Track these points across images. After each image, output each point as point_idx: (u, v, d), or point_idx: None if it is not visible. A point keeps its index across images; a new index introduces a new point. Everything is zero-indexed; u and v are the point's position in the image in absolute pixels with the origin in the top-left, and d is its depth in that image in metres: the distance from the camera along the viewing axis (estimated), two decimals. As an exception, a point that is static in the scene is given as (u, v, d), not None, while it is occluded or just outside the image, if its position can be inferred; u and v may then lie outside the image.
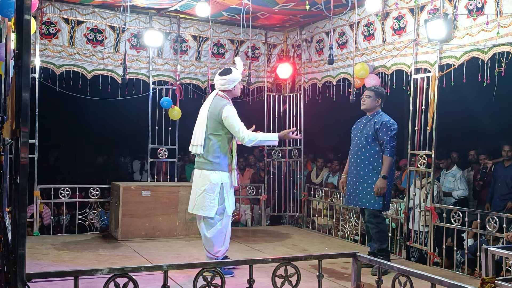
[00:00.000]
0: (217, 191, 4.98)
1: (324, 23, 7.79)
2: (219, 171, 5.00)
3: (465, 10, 5.46)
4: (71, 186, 7.43)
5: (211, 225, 5.02)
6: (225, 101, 5.09)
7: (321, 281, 3.33)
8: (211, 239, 5.03)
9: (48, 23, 7.09)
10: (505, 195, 7.01)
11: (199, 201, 5.02)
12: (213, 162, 5.00)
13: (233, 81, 5.13)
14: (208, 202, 4.97)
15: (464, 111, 9.68)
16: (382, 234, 5.49)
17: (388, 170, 5.37)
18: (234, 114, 5.01)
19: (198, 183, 5.08)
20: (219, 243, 5.07)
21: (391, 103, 7.13)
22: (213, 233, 5.03)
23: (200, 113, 5.17)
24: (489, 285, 2.96)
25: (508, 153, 7.05)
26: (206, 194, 4.98)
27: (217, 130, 5.02)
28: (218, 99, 5.12)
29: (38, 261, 5.55)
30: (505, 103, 7.60)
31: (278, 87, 8.70)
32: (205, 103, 5.20)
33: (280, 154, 8.57)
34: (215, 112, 5.03)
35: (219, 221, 5.03)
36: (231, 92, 5.18)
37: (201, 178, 5.05)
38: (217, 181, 4.98)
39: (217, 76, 5.20)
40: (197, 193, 5.05)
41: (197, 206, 5.04)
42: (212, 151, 5.01)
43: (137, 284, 2.84)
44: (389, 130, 5.39)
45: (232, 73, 5.13)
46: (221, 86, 5.14)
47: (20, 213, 2.57)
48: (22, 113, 2.55)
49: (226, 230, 5.11)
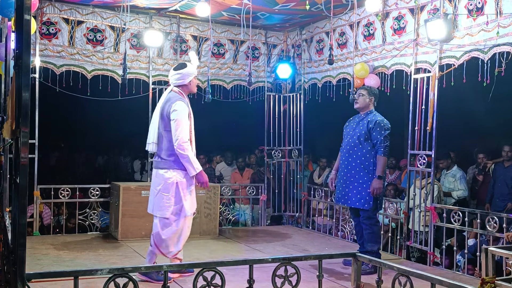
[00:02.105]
0: (172, 190, 4.77)
1: (324, 23, 7.79)
2: (173, 170, 4.77)
3: (465, 10, 5.46)
4: (71, 186, 7.42)
5: (166, 225, 4.80)
6: (178, 97, 4.86)
7: (321, 281, 3.34)
8: (166, 240, 4.79)
9: (48, 23, 7.09)
10: (506, 195, 7.00)
11: (156, 201, 4.84)
12: (168, 160, 4.78)
13: (188, 76, 4.94)
14: (163, 202, 4.78)
15: (464, 111, 9.67)
16: (374, 235, 5.49)
17: (383, 170, 5.37)
18: (182, 116, 4.74)
19: (154, 183, 4.89)
20: (173, 244, 4.83)
21: (391, 103, 7.15)
22: (168, 234, 4.80)
23: (156, 109, 4.98)
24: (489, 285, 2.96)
25: (508, 153, 7.04)
26: (161, 194, 4.79)
27: (169, 127, 4.79)
28: (172, 95, 4.90)
29: (38, 261, 5.55)
30: (505, 103, 7.61)
31: (278, 87, 8.71)
32: (160, 100, 5.01)
33: (280, 154, 8.57)
34: (166, 108, 4.81)
35: (175, 221, 4.81)
36: (186, 87, 4.98)
37: (157, 178, 4.86)
38: (171, 180, 4.77)
39: (171, 71, 5.02)
40: (154, 193, 4.87)
41: (154, 207, 4.86)
42: (166, 149, 4.80)
43: (137, 284, 2.84)
44: (383, 130, 5.39)
45: (187, 68, 4.96)
46: (175, 81, 4.94)
47: (20, 213, 2.57)
48: (22, 113, 2.55)
49: (182, 231, 4.88)
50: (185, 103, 4.84)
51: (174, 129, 4.70)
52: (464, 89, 5.99)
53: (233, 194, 8.43)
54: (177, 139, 4.68)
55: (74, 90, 7.27)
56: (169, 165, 4.78)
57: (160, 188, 4.79)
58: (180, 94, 4.90)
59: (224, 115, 11.11)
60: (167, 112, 4.77)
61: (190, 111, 4.89)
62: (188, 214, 4.86)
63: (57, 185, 7.37)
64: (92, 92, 7.29)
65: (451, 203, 7.07)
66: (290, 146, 8.56)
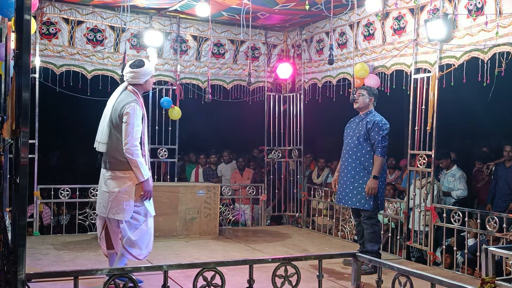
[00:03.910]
0: (133, 192, 4.54)
1: (324, 23, 7.79)
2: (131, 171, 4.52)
3: (465, 10, 5.46)
4: (71, 186, 7.43)
5: (135, 227, 4.57)
6: (133, 97, 4.58)
7: (321, 281, 3.33)
8: (136, 241, 4.56)
9: (48, 23, 7.09)
10: (507, 195, 7.01)
11: (113, 204, 4.52)
12: (125, 161, 4.50)
13: (145, 75, 4.66)
14: (123, 205, 4.50)
15: (464, 111, 9.68)
16: (375, 235, 5.50)
17: (379, 170, 5.36)
18: (135, 120, 4.48)
19: (109, 185, 4.57)
20: (142, 245, 4.62)
21: (391, 103, 7.15)
22: (138, 235, 4.58)
23: (106, 106, 4.69)
24: (489, 285, 2.96)
25: (510, 153, 7.05)
26: (120, 196, 4.50)
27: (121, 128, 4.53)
28: (127, 94, 4.61)
29: (38, 261, 5.55)
30: (505, 103, 7.61)
31: (278, 87, 8.71)
32: (112, 96, 4.71)
33: (280, 154, 8.57)
34: (119, 108, 4.54)
35: (144, 222, 4.61)
36: (142, 86, 4.70)
37: (113, 179, 4.56)
38: (131, 181, 4.53)
39: (127, 67, 4.70)
40: (109, 196, 4.55)
41: (111, 210, 4.53)
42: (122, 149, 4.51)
43: (137, 284, 2.84)
44: (381, 130, 5.39)
45: (145, 66, 4.66)
46: (131, 80, 4.64)
47: (20, 213, 2.57)
48: (22, 113, 2.55)
49: (151, 231, 4.69)
50: (139, 104, 4.58)
51: (124, 132, 4.47)
52: (464, 89, 5.99)
53: (233, 194, 8.43)
54: (126, 143, 4.45)
55: (74, 90, 7.27)
56: (126, 166, 4.52)
57: (119, 190, 4.52)
58: (134, 94, 4.62)
59: (224, 115, 11.11)
60: (120, 113, 4.52)
61: (145, 113, 4.66)
62: (153, 214, 4.72)
63: (57, 185, 7.37)
64: (92, 92, 7.29)
65: (451, 203, 7.08)
66: (290, 146, 8.56)
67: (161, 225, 6.91)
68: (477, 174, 7.98)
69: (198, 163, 9.59)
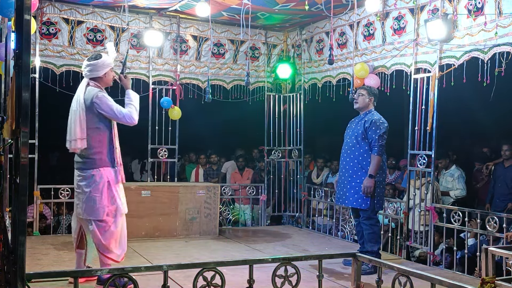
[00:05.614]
0: (105, 190, 4.51)
1: (324, 23, 7.79)
2: (103, 168, 4.53)
3: (465, 10, 5.46)
4: (71, 186, 7.39)
5: (103, 229, 4.51)
6: (96, 89, 4.59)
7: (321, 281, 3.34)
8: (107, 245, 4.50)
9: (48, 23, 7.09)
10: (506, 195, 7.01)
11: (87, 204, 4.50)
12: (95, 158, 4.51)
13: (103, 68, 4.63)
14: (96, 204, 4.48)
15: (464, 111, 9.67)
16: (374, 235, 5.50)
17: (376, 169, 5.35)
18: (107, 99, 4.55)
19: (82, 185, 4.55)
20: (116, 246, 4.57)
21: (391, 103, 7.14)
22: (108, 238, 4.52)
23: (72, 105, 4.64)
24: (489, 285, 2.96)
25: (506, 152, 7.05)
26: (92, 196, 4.49)
27: (94, 123, 4.54)
28: (90, 90, 4.59)
29: (38, 261, 5.55)
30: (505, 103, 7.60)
31: (278, 87, 8.71)
32: (77, 94, 4.66)
33: (280, 154, 8.58)
34: (88, 103, 4.53)
35: (113, 223, 4.55)
36: (102, 80, 4.68)
37: (85, 179, 4.54)
38: (103, 179, 4.51)
39: (85, 62, 4.70)
40: (83, 197, 4.53)
41: (86, 211, 4.51)
42: (93, 146, 4.52)
43: (137, 284, 2.84)
44: (378, 129, 5.38)
45: (102, 58, 4.65)
46: (89, 74, 4.63)
47: (20, 213, 2.57)
48: (22, 113, 2.55)
49: (122, 231, 4.63)
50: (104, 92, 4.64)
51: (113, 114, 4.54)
52: (464, 89, 5.99)
53: (233, 194, 8.43)
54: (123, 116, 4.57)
55: (74, 90, 7.15)
56: (98, 163, 4.52)
57: (90, 190, 4.50)
58: (97, 87, 4.63)
59: (224, 115, 11.11)
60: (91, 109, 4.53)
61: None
62: (125, 212, 4.68)
63: (57, 185, 7.37)
64: (92, 92, 7.27)
65: (449, 203, 7.08)
66: (290, 146, 8.56)
67: (161, 225, 6.92)
68: (477, 174, 7.99)
69: (198, 163, 9.60)
